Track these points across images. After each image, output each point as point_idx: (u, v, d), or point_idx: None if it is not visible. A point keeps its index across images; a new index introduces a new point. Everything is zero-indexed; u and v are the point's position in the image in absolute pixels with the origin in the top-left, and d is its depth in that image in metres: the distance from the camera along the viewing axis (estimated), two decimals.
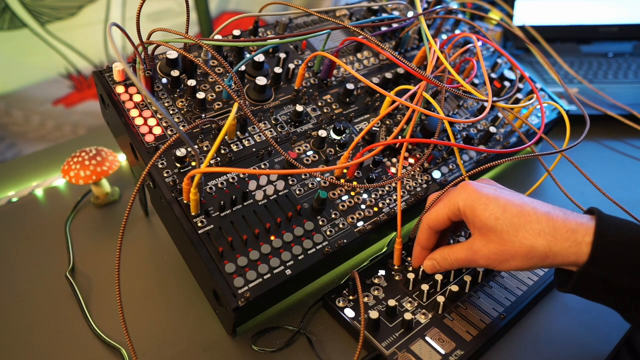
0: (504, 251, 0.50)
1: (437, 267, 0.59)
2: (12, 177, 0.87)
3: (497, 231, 0.51)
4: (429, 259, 0.59)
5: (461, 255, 0.55)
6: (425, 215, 0.58)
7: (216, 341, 0.59)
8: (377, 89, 0.61)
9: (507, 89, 0.81)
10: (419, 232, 0.60)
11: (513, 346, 0.59)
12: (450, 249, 0.57)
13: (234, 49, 0.70)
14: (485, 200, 0.52)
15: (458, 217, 0.55)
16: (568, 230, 0.48)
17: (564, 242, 0.48)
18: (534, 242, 0.49)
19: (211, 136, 0.63)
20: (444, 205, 0.55)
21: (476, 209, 0.52)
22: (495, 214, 0.51)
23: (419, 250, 0.60)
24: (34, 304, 0.65)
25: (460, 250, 0.55)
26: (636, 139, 0.95)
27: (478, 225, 0.52)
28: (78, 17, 1.11)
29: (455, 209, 0.54)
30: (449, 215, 0.55)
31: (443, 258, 0.58)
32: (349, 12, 0.83)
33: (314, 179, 0.63)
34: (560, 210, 0.51)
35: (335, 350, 0.58)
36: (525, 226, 0.49)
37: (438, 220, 0.56)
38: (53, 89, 1.16)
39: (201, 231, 0.56)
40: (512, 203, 0.51)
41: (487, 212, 0.51)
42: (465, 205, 0.53)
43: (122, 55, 0.61)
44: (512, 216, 0.50)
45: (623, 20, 1.22)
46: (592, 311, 0.63)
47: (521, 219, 0.50)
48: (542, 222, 0.49)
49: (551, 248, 0.48)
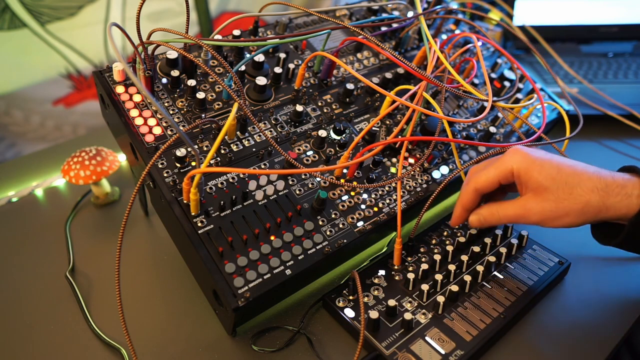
0: (559, 208, 0.54)
1: (483, 222, 0.60)
2: (12, 177, 0.87)
3: (553, 190, 0.54)
4: (475, 213, 0.61)
5: (512, 212, 0.57)
6: (473, 177, 0.60)
7: (216, 341, 0.59)
8: (377, 89, 0.61)
9: (507, 89, 0.81)
10: (462, 194, 0.61)
11: (513, 346, 0.59)
12: (499, 205, 0.59)
13: (234, 49, 0.70)
14: (540, 162, 0.55)
15: (509, 179, 0.57)
16: (618, 186, 0.53)
17: (615, 196, 0.52)
18: (589, 198, 0.53)
19: (211, 136, 0.63)
20: (495, 168, 0.57)
21: (532, 171, 0.55)
22: (551, 174, 0.54)
23: (461, 210, 0.62)
24: (34, 304, 0.65)
25: (511, 207, 0.57)
26: (636, 139, 0.95)
27: (533, 186, 0.55)
28: (78, 17, 1.10)
29: (508, 172, 0.56)
30: (500, 178, 0.57)
31: (491, 213, 0.59)
32: (349, 12, 0.83)
33: (314, 179, 0.63)
34: (606, 170, 0.55)
35: (335, 350, 0.58)
36: (580, 184, 0.53)
37: (488, 183, 0.58)
38: (53, 89, 1.15)
39: (201, 231, 0.56)
40: (565, 164, 0.55)
41: (544, 173, 0.54)
42: (520, 167, 0.55)
43: (122, 55, 0.61)
44: (567, 176, 0.54)
45: (623, 20, 1.22)
46: (592, 311, 0.63)
47: (575, 178, 0.54)
48: (594, 180, 0.53)
49: (604, 202, 0.52)
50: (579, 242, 0.72)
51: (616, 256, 0.71)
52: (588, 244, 0.72)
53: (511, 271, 0.64)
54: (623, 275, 0.68)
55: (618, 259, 0.71)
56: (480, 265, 0.63)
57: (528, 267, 0.65)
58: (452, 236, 0.68)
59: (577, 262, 0.68)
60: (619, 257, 0.71)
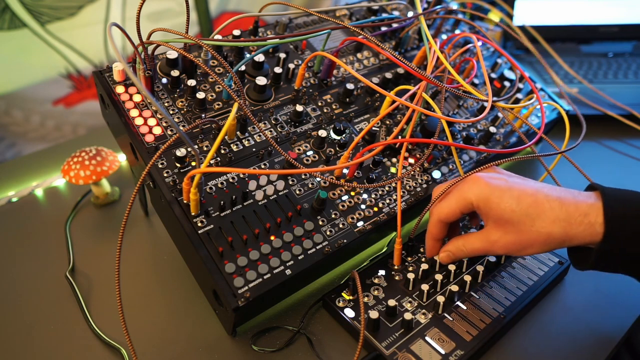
0: (522, 240, 0.52)
1: (453, 257, 0.59)
2: (12, 177, 0.87)
3: (513, 223, 0.52)
4: (444, 251, 0.60)
5: (477, 246, 0.56)
6: (435, 209, 0.58)
7: (216, 341, 0.59)
8: (377, 89, 0.61)
9: (507, 89, 0.81)
10: (429, 225, 0.60)
11: (513, 346, 0.59)
12: (465, 240, 0.58)
13: (234, 49, 0.70)
14: (499, 194, 0.53)
15: (470, 209, 0.56)
16: (581, 214, 0.50)
17: (578, 225, 0.50)
18: (551, 230, 0.51)
19: (211, 136, 0.63)
20: (455, 199, 0.56)
21: (490, 203, 0.53)
22: (511, 207, 0.52)
23: (432, 242, 0.61)
24: (34, 304, 0.65)
25: (477, 241, 0.56)
26: (636, 139, 0.95)
27: (493, 217, 0.53)
28: (78, 17, 1.10)
29: (467, 203, 0.55)
30: (461, 209, 0.56)
31: (458, 249, 0.58)
32: (349, 12, 0.83)
33: (314, 179, 0.63)
34: (569, 192, 0.53)
35: (335, 350, 0.58)
36: (540, 216, 0.51)
37: (450, 214, 0.57)
38: (53, 89, 1.15)
39: (201, 231, 0.56)
40: (526, 193, 0.52)
41: (503, 205, 0.52)
42: (479, 199, 0.54)
43: (122, 55, 0.61)
44: (528, 207, 0.52)
45: (623, 20, 1.22)
46: (592, 311, 0.63)
47: (536, 209, 0.51)
48: (555, 210, 0.51)
49: (567, 233, 0.51)
50: None
51: None
52: None
53: (511, 271, 0.64)
54: (623, 276, 0.68)
55: None
56: (480, 265, 0.63)
57: (528, 267, 0.65)
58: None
59: None
60: None
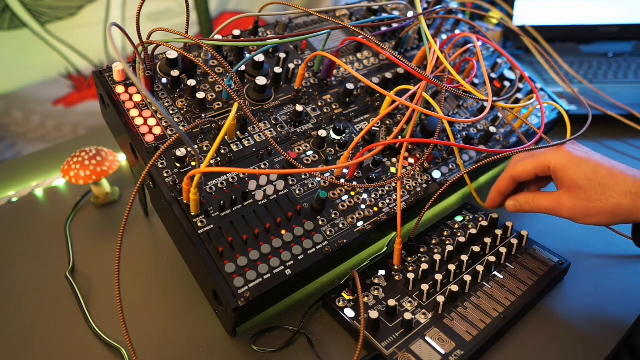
0: (590, 207, 0.56)
1: (519, 208, 0.63)
2: (12, 177, 0.87)
3: (586, 189, 0.56)
4: (512, 199, 0.64)
5: (545, 204, 0.60)
6: (512, 166, 0.63)
7: (216, 341, 0.59)
8: (377, 89, 0.61)
9: (507, 89, 0.81)
10: (499, 179, 0.65)
11: (513, 346, 0.59)
12: (535, 195, 0.62)
13: (234, 49, 0.70)
14: (578, 162, 0.57)
15: (545, 173, 0.60)
16: None
17: None
18: (620, 201, 0.54)
19: (211, 136, 0.63)
20: (533, 161, 0.60)
21: (568, 169, 0.57)
22: (587, 174, 0.56)
23: (496, 194, 0.66)
24: (34, 304, 0.65)
25: (546, 200, 0.60)
26: (636, 139, 0.95)
27: (567, 183, 0.58)
28: (78, 17, 1.10)
29: (545, 166, 0.59)
30: (537, 170, 0.60)
31: (526, 201, 0.62)
32: (349, 12, 0.83)
33: (314, 179, 0.63)
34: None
35: (335, 350, 0.58)
36: (613, 187, 0.55)
37: (525, 173, 0.62)
38: (53, 89, 1.15)
39: (201, 231, 0.56)
40: (603, 165, 0.57)
41: (580, 172, 0.56)
42: (557, 163, 0.58)
43: (122, 55, 0.61)
44: (602, 177, 0.55)
45: (623, 20, 1.22)
46: (592, 311, 0.63)
47: (610, 180, 0.55)
48: (628, 183, 0.54)
49: (636, 206, 0.54)
50: (579, 242, 0.72)
51: (616, 256, 0.71)
52: (588, 244, 0.72)
53: (511, 271, 0.64)
54: (623, 275, 0.68)
55: (618, 259, 0.71)
56: (480, 265, 0.63)
57: (528, 267, 0.65)
58: (452, 236, 0.68)
59: (577, 262, 0.68)
60: (619, 256, 0.71)
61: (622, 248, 0.71)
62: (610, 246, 0.71)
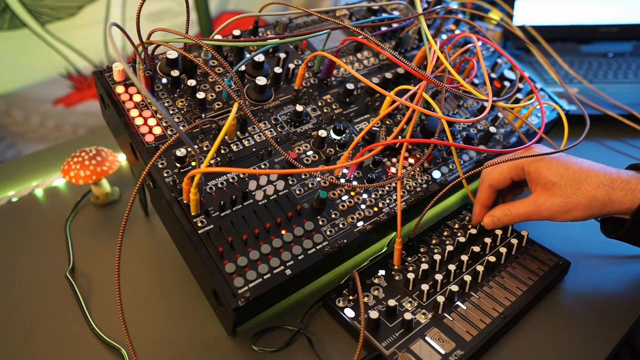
0: (568, 203, 0.58)
1: (497, 223, 0.65)
2: (12, 177, 0.87)
3: (561, 186, 0.58)
4: (489, 215, 0.65)
5: (523, 210, 0.61)
6: (487, 175, 0.65)
7: (216, 341, 0.59)
8: (377, 89, 0.61)
9: (507, 89, 0.81)
10: (479, 191, 0.66)
11: (513, 346, 0.59)
12: (511, 205, 0.63)
13: (234, 49, 0.70)
14: (549, 160, 0.60)
15: (521, 176, 0.62)
16: (622, 182, 0.56)
17: (620, 191, 0.56)
18: (595, 193, 0.57)
19: (211, 136, 0.63)
20: (507, 165, 0.62)
21: (541, 167, 0.60)
22: (560, 171, 0.59)
23: (479, 208, 0.67)
24: (34, 304, 0.65)
25: (523, 206, 0.62)
26: (636, 139, 0.95)
27: (542, 181, 0.59)
28: (78, 17, 1.10)
29: (519, 169, 0.62)
30: (512, 174, 0.62)
31: (504, 214, 0.63)
32: (349, 12, 0.83)
33: (314, 179, 0.63)
34: (612, 167, 0.59)
35: (335, 350, 0.58)
36: (586, 180, 0.57)
37: (501, 180, 0.63)
38: (53, 89, 1.15)
39: (201, 231, 0.56)
40: (572, 162, 0.59)
41: (552, 170, 0.59)
42: (530, 164, 0.61)
43: (122, 55, 0.61)
44: (574, 172, 0.58)
45: (623, 20, 1.22)
46: (592, 311, 0.63)
47: (582, 174, 0.58)
48: (600, 176, 0.57)
49: (609, 197, 0.56)
50: (579, 242, 0.72)
51: (616, 256, 0.71)
52: (588, 244, 0.72)
53: (511, 271, 0.64)
54: (623, 275, 0.68)
55: (618, 259, 0.71)
56: (480, 265, 0.63)
57: (528, 267, 0.65)
58: (452, 236, 0.68)
59: (577, 262, 0.68)
60: (619, 256, 0.71)
61: (622, 248, 0.71)
62: (610, 246, 0.71)
